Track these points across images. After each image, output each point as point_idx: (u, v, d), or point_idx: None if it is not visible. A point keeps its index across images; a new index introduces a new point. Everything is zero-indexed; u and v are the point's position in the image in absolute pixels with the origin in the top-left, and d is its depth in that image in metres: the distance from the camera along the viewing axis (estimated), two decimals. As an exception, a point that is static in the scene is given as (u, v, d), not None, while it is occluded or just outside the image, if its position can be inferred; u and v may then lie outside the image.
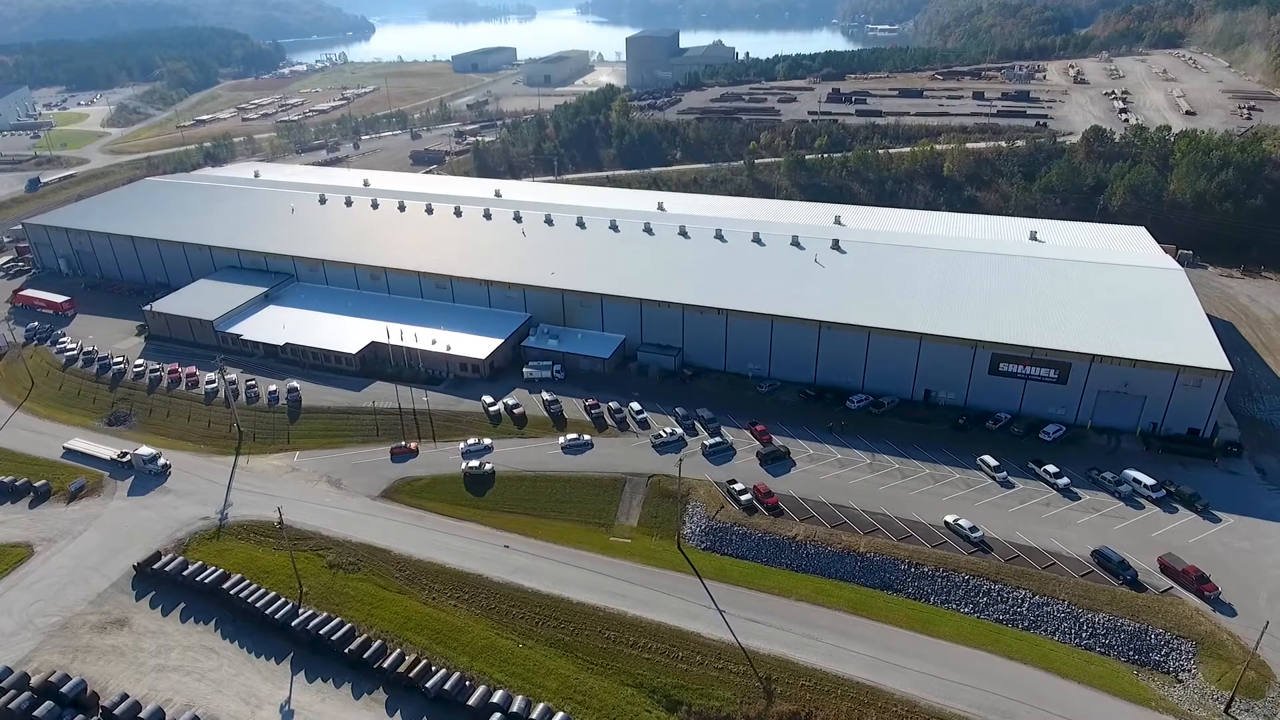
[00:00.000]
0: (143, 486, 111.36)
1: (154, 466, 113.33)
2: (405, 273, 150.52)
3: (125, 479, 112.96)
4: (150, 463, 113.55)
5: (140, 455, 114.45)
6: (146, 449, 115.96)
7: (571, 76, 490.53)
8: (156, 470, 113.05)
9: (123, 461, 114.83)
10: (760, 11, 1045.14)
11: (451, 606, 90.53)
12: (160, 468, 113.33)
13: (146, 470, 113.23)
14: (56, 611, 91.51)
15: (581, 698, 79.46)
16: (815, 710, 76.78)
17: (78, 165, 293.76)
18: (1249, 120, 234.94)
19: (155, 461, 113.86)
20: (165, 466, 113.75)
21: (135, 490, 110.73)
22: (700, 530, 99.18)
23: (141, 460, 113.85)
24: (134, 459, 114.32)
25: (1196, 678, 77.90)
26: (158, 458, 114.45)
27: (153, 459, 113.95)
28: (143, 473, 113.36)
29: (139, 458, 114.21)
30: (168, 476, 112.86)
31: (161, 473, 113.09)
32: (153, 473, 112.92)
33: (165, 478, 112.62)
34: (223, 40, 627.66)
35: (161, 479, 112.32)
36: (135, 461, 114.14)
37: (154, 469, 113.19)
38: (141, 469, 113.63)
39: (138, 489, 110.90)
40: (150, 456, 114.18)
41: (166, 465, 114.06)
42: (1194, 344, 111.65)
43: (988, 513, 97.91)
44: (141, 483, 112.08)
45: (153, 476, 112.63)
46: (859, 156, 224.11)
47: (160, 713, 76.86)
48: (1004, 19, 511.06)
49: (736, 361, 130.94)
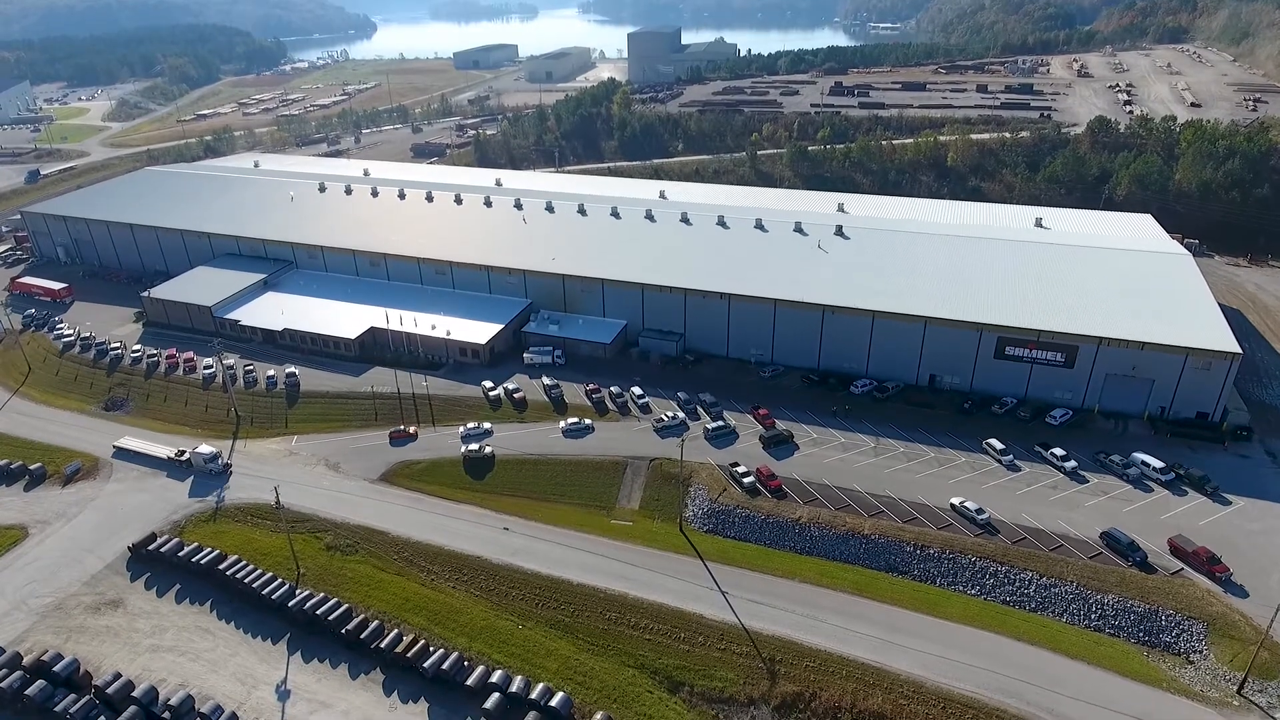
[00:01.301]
0: (204, 487, 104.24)
1: (215, 466, 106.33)
2: (405, 259, 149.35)
3: (184, 479, 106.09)
4: (211, 462, 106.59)
5: (200, 454, 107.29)
6: (206, 447, 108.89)
7: (573, 73, 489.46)
8: (218, 470, 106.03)
9: (180, 461, 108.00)
10: (762, 10, 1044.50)
11: (450, 588, 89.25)
12: (221, 467, 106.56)
13: (207, 470, 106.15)
14: (50, 592, 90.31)
15: (581, 678, 78.13)
16: (820, 691, 75.35)
17: (78, 158, 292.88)
18: (1254, 112, 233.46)
19: (216, 460, 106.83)
20: (227, 466, 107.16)
21: (196, 491, 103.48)
22: (702, 513, 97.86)
23: (201, 459, 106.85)
24: (193, 458, 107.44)
25: (1208, 659, 76.47)
26: (218, 456, 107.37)
27: (213, 458, 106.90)
28: (203, 472, 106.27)
29: (199, 456, 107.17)
30: (229, 476, 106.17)
31: (223, 472, 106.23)
32: (213, 472, 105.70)
33: (227, 477, 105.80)
34: (224, 37, 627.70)
35: (223, 479, 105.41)
36: (194, 461, 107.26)
37: (215, 468, 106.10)
38: (201, 468, 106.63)
39: (199, 489, 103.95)
40: (210, 455, 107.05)
41: (228, 465, 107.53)
42: (1203, 327, 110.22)
43: (994, 495, 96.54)
44: (203, 484, 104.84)
45: (213, 477, 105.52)
46: (862, 147, 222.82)
47: (153, 692, 75.63)
48: (1006, 15, 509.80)
49: (739, 347, 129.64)
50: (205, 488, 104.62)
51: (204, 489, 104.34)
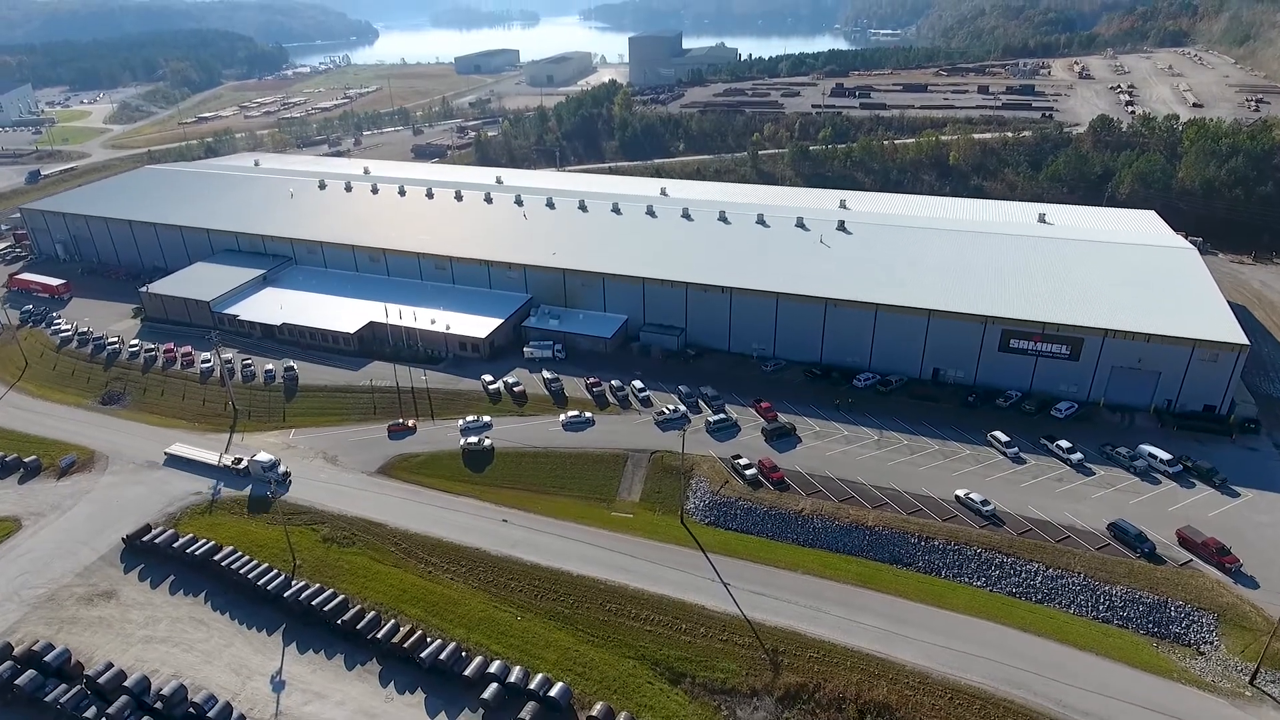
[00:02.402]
0: (263, 501, 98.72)
1: (274, 474, 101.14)
2: (404, 254, 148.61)
3: (241, 488, 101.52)
4: (270, 470, 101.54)
5: (259, 462, 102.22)
6: (265, 455, 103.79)
7: (574, 77, 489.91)
8: (277, 478, 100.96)
9: (238, 469, 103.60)
10: (763, 17, 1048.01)
11: (448, 579, 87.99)
12: (280, 475, 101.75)
13: (266, 478, 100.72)
14: (43, 584, 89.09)
15: (581, 669, 76.81)
16: (824, 682, 73.98)
17: (79, 159, 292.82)
18: (1256, 112, 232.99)
19: (275, 469, 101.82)
20: (286, 474, 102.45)
21: (254, 508, 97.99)
22: (704, 505, 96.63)
23: (260, 467, 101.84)
24: (251, 466, 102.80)
25: (1219, 650, 75.09)
26: (277, 464, 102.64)
27: (272, 465, 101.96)
28: (261, 480, 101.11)
29: (257, 464, 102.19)
30: (289, 486, 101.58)
31: (282, 481, 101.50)
32: (273, 480, 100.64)
33: (286, 487, 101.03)
34: (226, 42, 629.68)
35: (282, 489, 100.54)
36: (253, 469, 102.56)
37: (274, 477, 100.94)
38: (260, 476, 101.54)
39: (258, 506, 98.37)
40: (270, 463, 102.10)
41: (287, 473, 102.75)
42: (1209, 319, 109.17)
43: (999, 488, 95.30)
44: (259, 491, 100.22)
45: (273, 485, 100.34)
46: (864, 147, 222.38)
47: (145, 681, 74.35)
48: (1007, 20, 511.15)
49: (740, 341, 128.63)
50: (262, 500, 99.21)
51: (262, 502, 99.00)
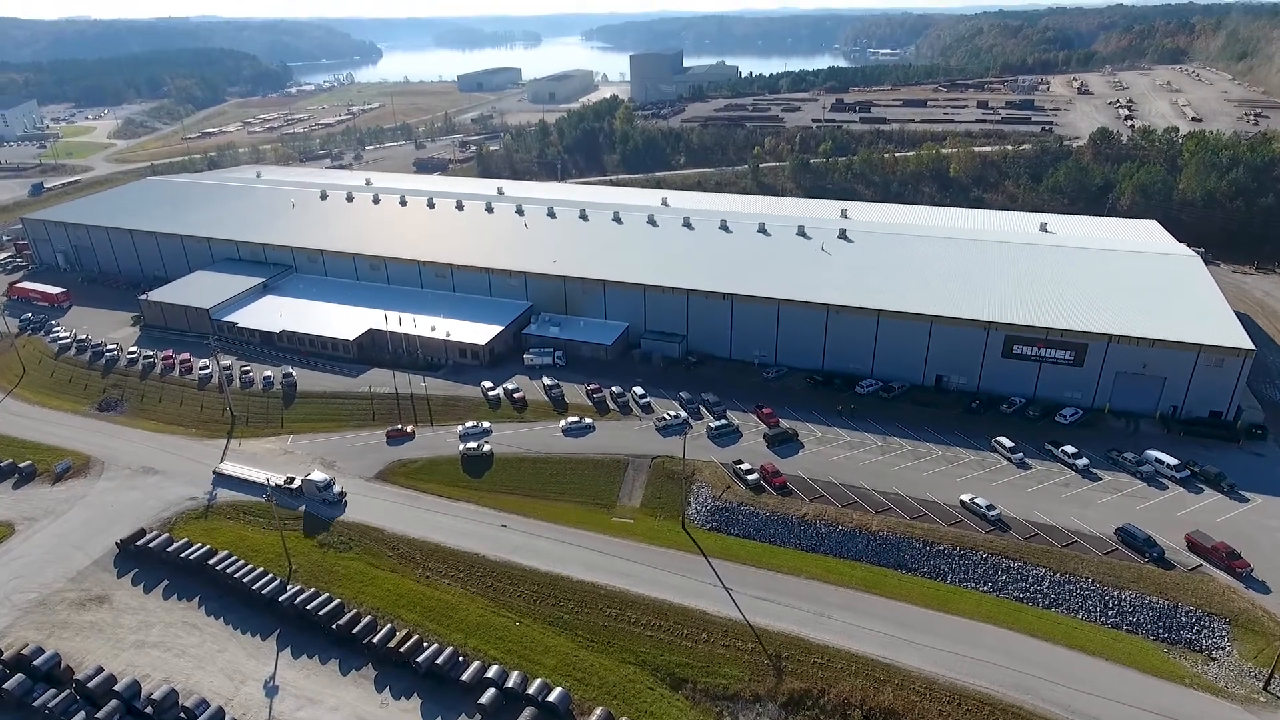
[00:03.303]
0: (317, 522, 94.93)
1: (330, 494, 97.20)
2: (405, 262, 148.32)
3: (296, 506, 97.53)
4: (325, 489, 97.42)
5: (313, 481, 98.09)
6: (319, 474, 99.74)
7: (576, 94, 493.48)
8: (333, 499, 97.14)
9: (290, 488, 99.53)
10: (763, 38, 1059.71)
11: (445, 585, 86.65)
12: (336, 496, 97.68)
13: (320, 498, 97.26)
14: (34, 589, 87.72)
15: (581, 674, 75.31)
16: (828, 688, 72.46)
17: (82, 173, 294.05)
18: (1256, 126, 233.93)
19: (331, 489, 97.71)
20: (341, 494, 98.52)
21: (310, 529, 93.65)
22: (705, 510, 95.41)
23: (315, 487, 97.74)
24: (305, 486, 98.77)
25: (1231, 655, 73.59)
26: (332, 484, 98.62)
27: (327, 485, 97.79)
28: (315, 500, 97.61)
29: (311, 484, 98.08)
30: (345, 507, 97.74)
31: (338, 501, 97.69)
32: (328, 501, 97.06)
33: (342, 507, 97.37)
34: (231, 61, 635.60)
35: (338, 509, 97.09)
36: (307, 489, 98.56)
37: (330, 497, 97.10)
38: (314, 496, 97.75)
39: (310, 527, 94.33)
40: (325, 483, 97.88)
41: (343, 493, 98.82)
42: (1214, 324, 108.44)
43: (1005, 493, 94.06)
44: (313, 510, 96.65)
45: (327, 506, 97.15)
46: (864, 159, 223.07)
47: (136, 686, 72.90)
48: (1005, 39, 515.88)
49: (742, 349, 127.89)
50: (318, 523, 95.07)
51: (317, 524, 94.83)
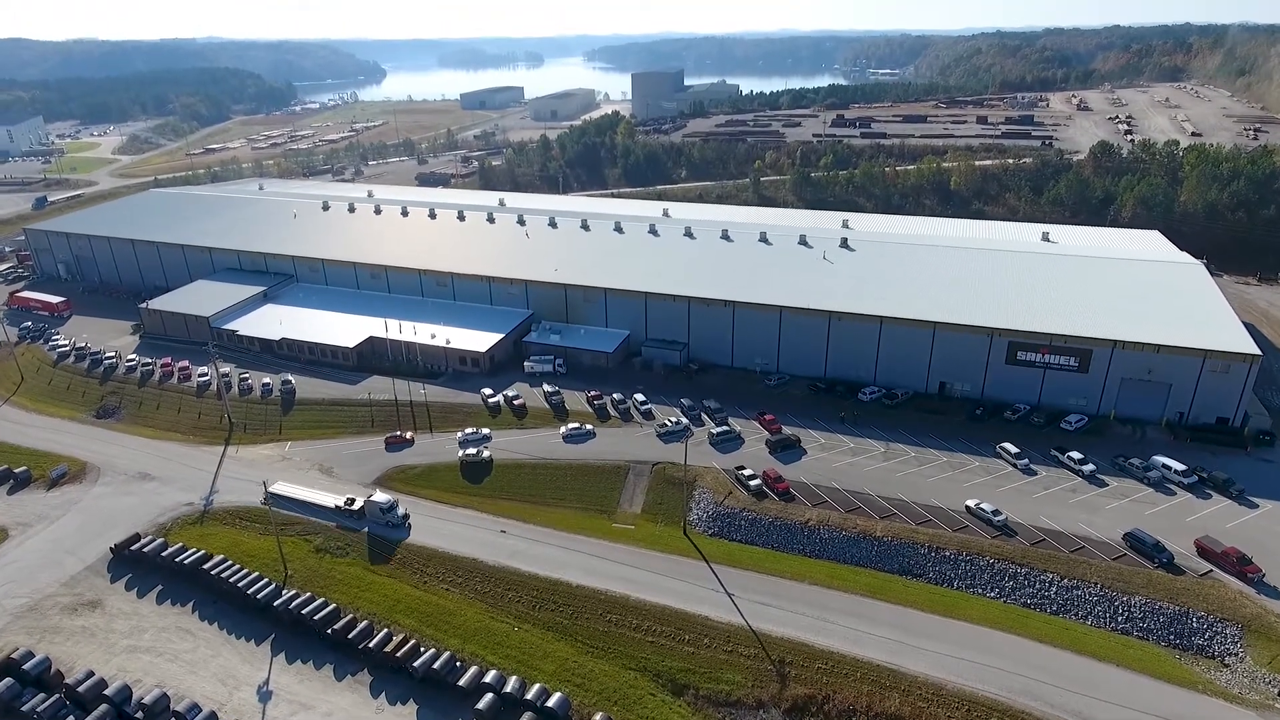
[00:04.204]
0: (381, 543, 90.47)
1: (393, 516, 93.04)
2: (405, 270, 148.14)
3: (357, 529, 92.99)
4: (389, 511, 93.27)
5: (376, 502, 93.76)
6: (382, 495, 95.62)
7: (578, 112, 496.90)
8: (396, 521, 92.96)
9: (351, 510, 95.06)
10: (763, 59, 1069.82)
11: (443, 590, 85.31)
12: (400, 518, 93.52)
13: (384, 521, 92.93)
14: (26, 593, 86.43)
15: (580, 680, 73.82)
16: (833, 693, 70.97)
17: (86, 187, 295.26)
18: (1256, 140, 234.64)
19: (394, 510, 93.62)
20: (405, 516, 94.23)
21: (375, 556, 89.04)
22: (707, 516, 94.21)
23: (377, 509, 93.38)
24: (367, 507, 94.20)
25: (1245, 662, 72.10)
26: (395, 505, 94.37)
27: (390, 507, 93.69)
28: (378, 523, 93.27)
29: (373, 505, 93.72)
30: (409, 530, 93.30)
31: (401, 523, 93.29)
32: (391, 524, 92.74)
33: (406, 530, 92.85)
34: (236, 79, 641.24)
35: (401, 531, 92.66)
36: (369, 510, 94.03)
37: (393, 519, 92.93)
38: (377, 518, 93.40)
39: (377, 550, 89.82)
40: (388, 504, 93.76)
41: (406, 515, 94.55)
42: (1219, 330, 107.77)
43: (1010, 499, 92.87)
44: (376, 532, 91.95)
45: (390, 528, 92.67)
46: (865, 173, 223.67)
47: (126, 690, 71.43)
48: (1003, 58, 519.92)
49: (744, 356, 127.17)
50: (384, 546, 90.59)
51: (381, 549, 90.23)
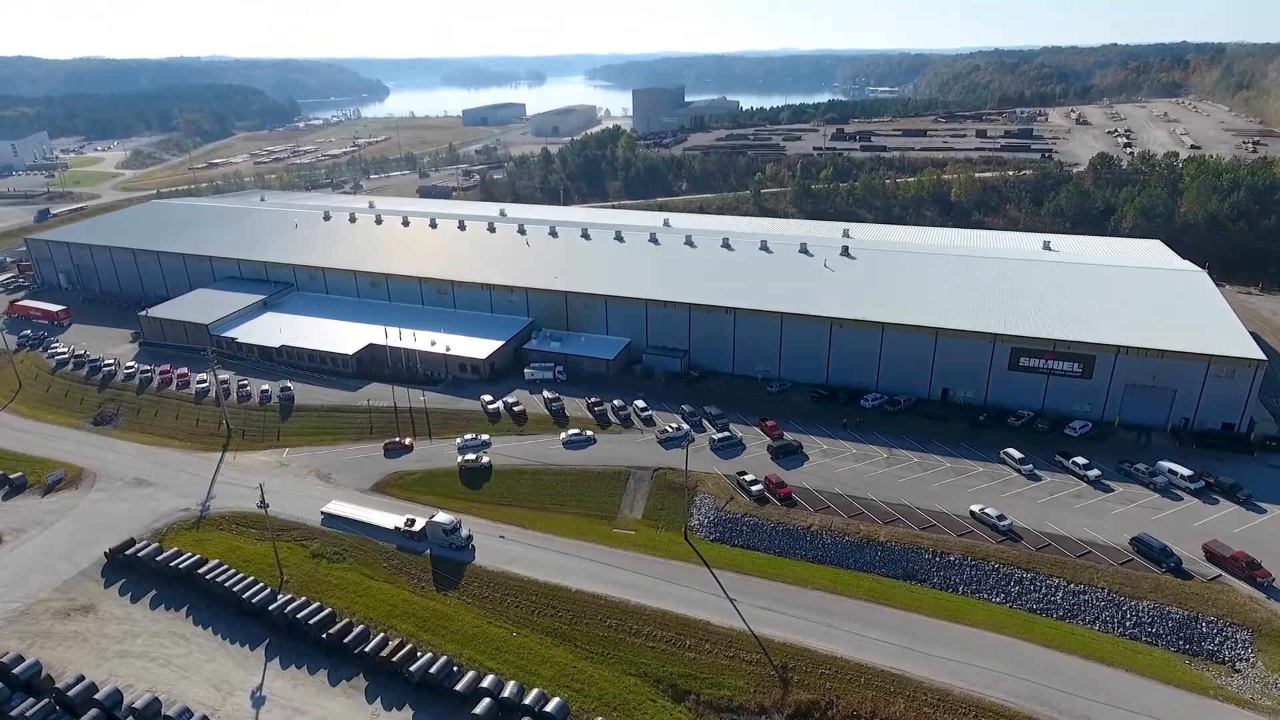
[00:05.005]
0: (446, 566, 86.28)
1: (457, 538, 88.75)
2: (406, 279, 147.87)
3: (418, 551, 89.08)
4: (452, 533, 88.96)
5: (438, 523, 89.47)
6: (444, 515, 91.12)
7: (579, 128, 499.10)
8: (460, 543, 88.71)
9: (410, 531, 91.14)
10: (763, 76, 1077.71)
11: (441, 595, 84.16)
12: (464, 540, 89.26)
13: (447, 542, 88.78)
14: (18, 598, 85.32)
15: (580, 686, 72.55)
16: (836, 699, 69.70)
17: (89, 200, 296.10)
18: (1255, 153, 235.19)
19: (457, 531, 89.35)
20: (469, 538, 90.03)
21: (441, 582, 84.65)
22: (709, 521, 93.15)
23: (440, 529, 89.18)
24: (428, 528, 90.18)
25: (1256, 667, 70.77)
26: (458, 526, 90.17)
27: (453, 528, 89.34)
28: (441, 544, 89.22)
29: (435, 526, 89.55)
30: (473, 551, 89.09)
31: (465, 545, 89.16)
32: (455, 545, 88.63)
33: (471, 552, 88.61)
34: (240, 96, 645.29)
35: (466, 553, 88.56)
36: (430, 531, 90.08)
37: (457, 541, 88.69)
38: (439, 540, 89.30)
39: (442, 572, 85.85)
40: (450, 525, 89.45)
41: (470, 536, 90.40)
42: (1224, 336, 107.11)
43: (1015, 504, 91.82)
44: (439, 554, 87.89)
45: (454, 550, 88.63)
46: (865, 185, 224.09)
47: (117, 695, 70.24)
48: (1002, 75, 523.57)
49: (745, 363, 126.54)
50: (450, 569, 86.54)
51: (447, 573, 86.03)
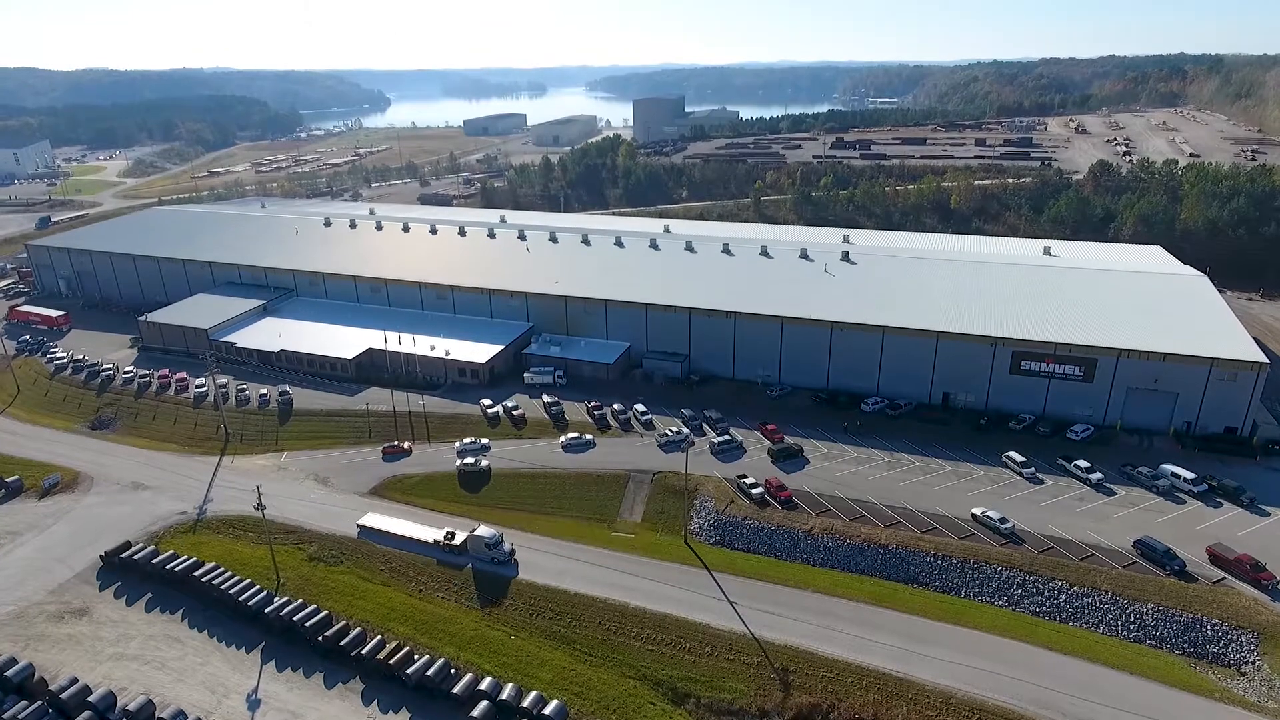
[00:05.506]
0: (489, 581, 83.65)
1: (500, 553, 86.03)
2: (405, 284, 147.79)
3: (459, 565, 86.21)
4: (494, 547, 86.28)
5: (480, 537, 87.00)
6: (486, 529, 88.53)
7: (580, 138, 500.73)
8: (503, 557, 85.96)
9: (451, 545, 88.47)
10: (763, 88, 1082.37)
11: (438, 598, 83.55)
12: (506, 554, 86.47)
13: (490, 557, 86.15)
14: (12, 601, 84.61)
15: (579, 689, 71.85)
16: (838, 701, 68.96)
17: (90, 208, 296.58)
18: (1254, 161, 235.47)
19: (500, 546, 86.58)
20: (511, 552, 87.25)
21: (488, 594, 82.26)
22: (709, 525, 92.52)
23: (481, 543, 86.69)
24: (470, 542, 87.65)
25: (1262, 670, 70.00)
26: (501, 540, 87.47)
27: (495, 542, 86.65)
28: (483, 559, 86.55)
29: (477, 540, 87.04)
30: (516, 567, 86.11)
31: (508, 560, 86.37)
32: (498, 560, 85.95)
33: (515, 567, 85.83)
34: (243, 106, 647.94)
35: (509, 568, 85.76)
36: (472, 545, 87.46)
37: (500, 556, 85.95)
38: (481, 554, 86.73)
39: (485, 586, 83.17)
40: (493, 539, 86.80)
41: (513, 550, 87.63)
42: (1226, 339, 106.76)
43: (1017, 507, 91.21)
44: (481, 569, 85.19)
45: (497, 565, 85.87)
46: (865, 192, 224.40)
47: (111, 697, 69.48)
48: (1001, 86, 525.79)
49: (745, 368, 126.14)
50: (493, 585, 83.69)
51: (491, 589, 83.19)
